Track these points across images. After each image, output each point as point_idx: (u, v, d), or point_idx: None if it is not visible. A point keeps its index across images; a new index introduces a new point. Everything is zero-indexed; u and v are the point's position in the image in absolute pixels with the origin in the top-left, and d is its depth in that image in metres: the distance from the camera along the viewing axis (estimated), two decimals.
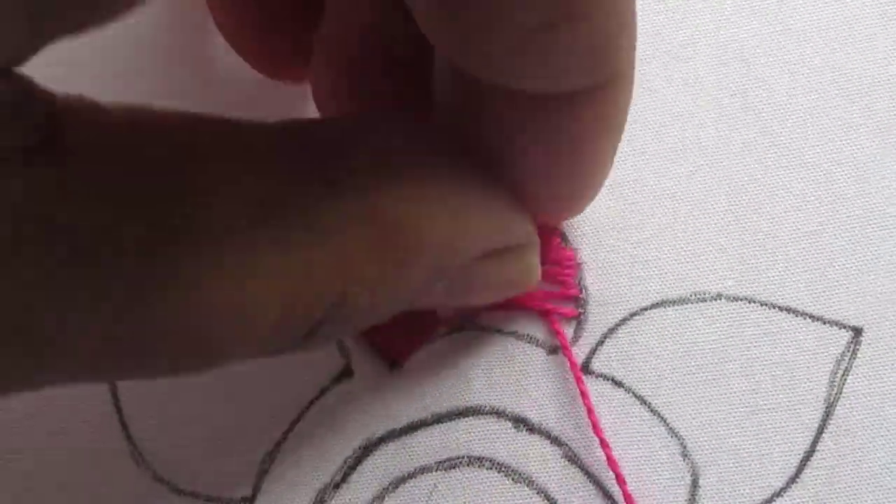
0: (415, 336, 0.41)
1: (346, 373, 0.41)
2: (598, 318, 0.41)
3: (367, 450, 0.40)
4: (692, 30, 0.41)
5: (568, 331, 0.41)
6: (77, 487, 0.40)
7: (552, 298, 0.41)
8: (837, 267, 0.40)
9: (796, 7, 0.42)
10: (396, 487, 0.40)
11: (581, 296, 0.41)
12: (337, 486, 0.40)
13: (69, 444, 0.41)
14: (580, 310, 0.41)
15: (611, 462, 0.38)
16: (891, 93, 0.41)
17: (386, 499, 0.40)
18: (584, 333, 0.41)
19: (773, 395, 0.40)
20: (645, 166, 0.41)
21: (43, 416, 0.41)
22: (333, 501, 0.40)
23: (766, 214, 0.41)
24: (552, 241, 0.41)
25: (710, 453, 0.40)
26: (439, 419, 0.40)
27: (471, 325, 0.41)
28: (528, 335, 0.41)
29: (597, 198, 0.39)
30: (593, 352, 0.41)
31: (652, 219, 0.41)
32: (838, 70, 0.41)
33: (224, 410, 0.40)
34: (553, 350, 0.41)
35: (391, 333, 0.40)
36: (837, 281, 0.40)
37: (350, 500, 0.40)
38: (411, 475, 0.40)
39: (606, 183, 0.39)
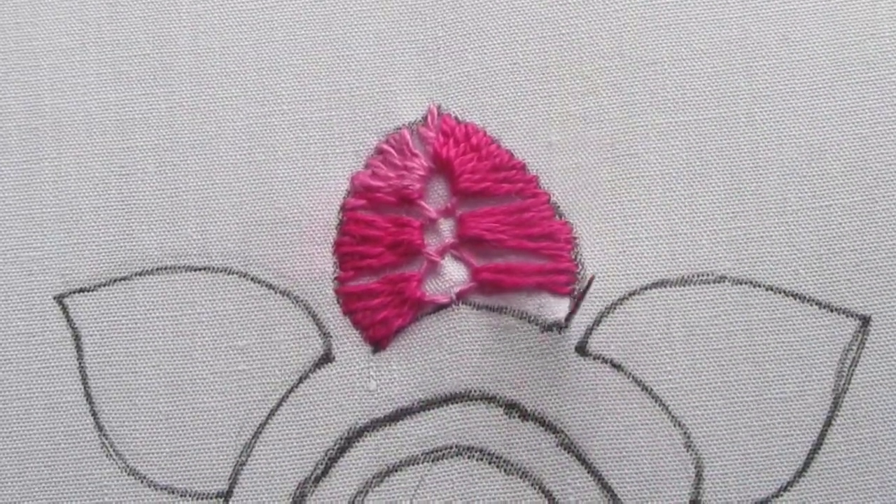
0: (398, 316, 0.40)
1: (326, 358, 0.40)
2: (594, 296, 0.40)
3: (350, 440, 0.39)
4: (693, 7, 0.41)
5: (563, 306, 0.40)
6: (44, 479, 0.40)
7: (544, 272, 0.40)
8: (844, 253, 0.40)
9: None
10: (381, 481, 0.39)
11: (577, 271, 0.40)
12: (318, 479, 0.39)
13: (36, 433, 0.40)
14: (574, 286, 0.40)
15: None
16: (893, 70, 0.41)
17: (370, 493, 0.39)
18: (580, 311, 0.40)
19: (779, 384, 0.39)
20: (644, 140, 0.40)
21: (9, 405, 0.40)
22: (314, 496, 0.39)
23: (769, 195, 0.40)
24: (544, 213, 0.40)
25: (715, 444, 0.39)
26: (426, 406, 0.39)
27: (458, 303, 0.40)
28: (519, 311, 0.40)
29: (594, 170, 0.40)
30: (590, 331, 0.40)
31: (650, 195, 0.40)
32: (843, 50, 0.41)
33: (199, 400, 0.40)
34: (547, 327, 0.40)
35: (373, 313, 0.40)
36: (845, 268, 0.40)
37: (331, 494, 0.39)
38: (396, 467, 0.39)
39: (605, 156, 0.41)
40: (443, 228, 0.40)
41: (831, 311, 0.39)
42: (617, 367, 0.39)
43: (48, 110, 0.41)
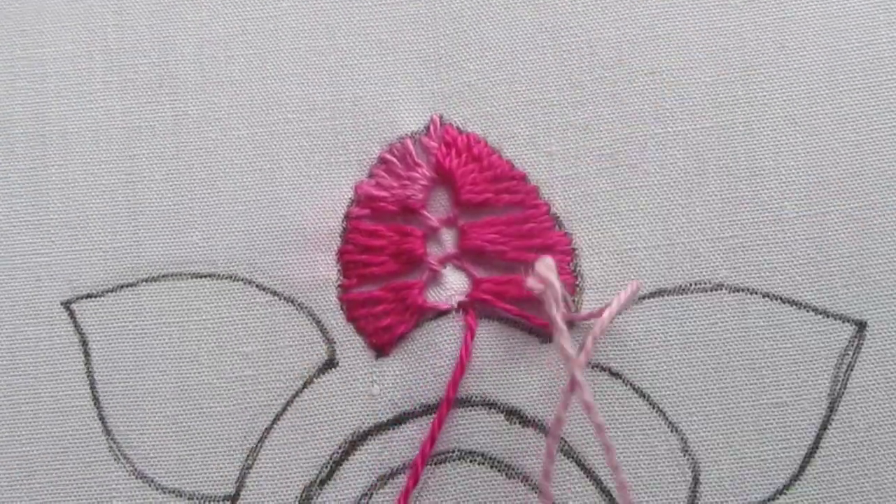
0: (401, 323, 0.40)
1: (330, 363, 0.40)
2: (593, 306, 0.40)
3: (354, 444, 0.40)
4: (691, 17, 0.41)
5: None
6: (52, 482, 0.40)
7: None
8: (841, 259, 0.40)
9: None
10: (385, 483, 0.39)
11: (576, 282, 0.40)
12: (323, 482, 0.39)
13: (44, 437, 0.40)
14: (574, 297, 0.40)
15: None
16: (890, 78, 0.41)
17: (374, 495, 0.39)
18: (578, 321, 0.40)
19: (775, 389, 0.39)
20: (642, 149, 0.40)
21: (18, 409, 0.40)
22: (319, 498, 0.39)
23: (766, 203, 0.40)
24: (544, 223, 0.40)
25: (712, 449, 0.39)
26: (428, 410, 0.39)
27: (459, 312, 0.40)
28: (520, 322, 0.40)
29: (593, 180, 0.40)
30: None
31: (649, 204, 0.40)
32: (840, 58, 0.41)
33: (205, 405, 0.40)
34: (547, 339, 0.40)
35: (376, 320, 0.40)
36: (841, 274, 0.40)
37: (336, 497, 0.39)
38: (400, 470, 0.39)
39: (604, 165, 0.40)
40: (445, 238, 0.41)
41: (827, 316, 0.40)
42: (615, 375, 0.40)
43: (54, 118, 0.41)
